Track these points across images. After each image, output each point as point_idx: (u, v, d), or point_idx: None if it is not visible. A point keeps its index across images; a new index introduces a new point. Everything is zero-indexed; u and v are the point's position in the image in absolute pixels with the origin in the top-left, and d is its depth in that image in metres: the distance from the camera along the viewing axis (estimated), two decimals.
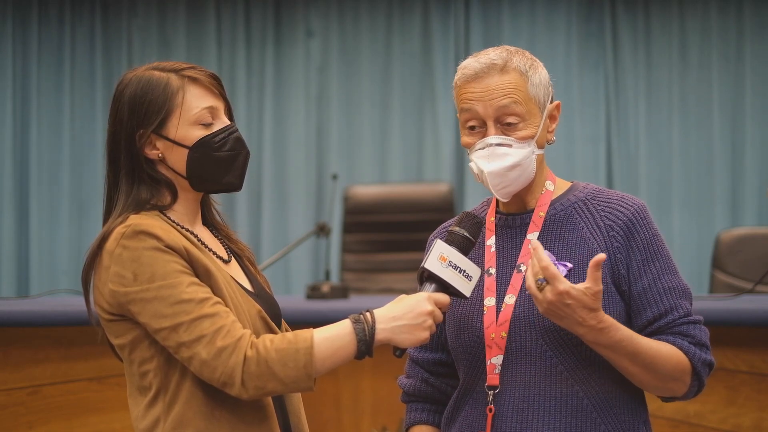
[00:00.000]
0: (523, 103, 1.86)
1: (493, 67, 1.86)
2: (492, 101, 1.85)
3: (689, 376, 1.86)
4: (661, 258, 1.89)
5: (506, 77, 1.86)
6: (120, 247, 1.77)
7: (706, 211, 6.27)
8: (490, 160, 1.87)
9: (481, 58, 1.88)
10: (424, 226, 4.71)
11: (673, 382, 1.85)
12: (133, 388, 1.84)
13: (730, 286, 4.08)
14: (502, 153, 1.86)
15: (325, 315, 3.30)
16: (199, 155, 1.86)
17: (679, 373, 1.85)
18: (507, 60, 1.88)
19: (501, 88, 1.85)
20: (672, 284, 1.88)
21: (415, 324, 1.77)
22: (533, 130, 1.88)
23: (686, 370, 1.85)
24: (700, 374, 1.86)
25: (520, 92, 1.86)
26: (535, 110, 1.88)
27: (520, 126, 1.87)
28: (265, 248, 6.26)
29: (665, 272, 1.89)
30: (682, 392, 1.88)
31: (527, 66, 1.89)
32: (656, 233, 1.91)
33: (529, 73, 1.88)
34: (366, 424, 3.50)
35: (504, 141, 1.86)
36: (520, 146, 1.87)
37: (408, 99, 6.43)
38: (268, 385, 1.73)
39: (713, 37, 6.29)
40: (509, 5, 6.41)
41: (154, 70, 1.88)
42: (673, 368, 1.83)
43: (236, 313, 1.81)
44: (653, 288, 1.87)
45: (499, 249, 1.95)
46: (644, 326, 1.87)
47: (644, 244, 1.88)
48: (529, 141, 1.87)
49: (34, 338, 3.27)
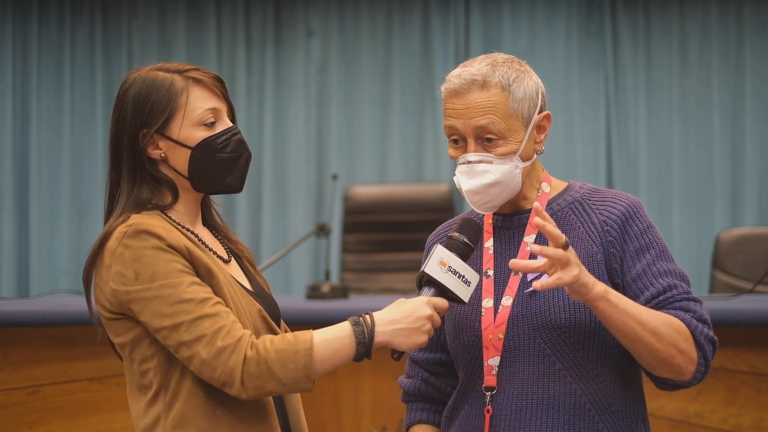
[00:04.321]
0: (503, 120, 1.85)
1: (474, 84, 1.86)
2: (471, 119, 1.85)
3: (693, 348, 1.81)
4: (656, 246, 1.88)
5: (485, 94, 1.85)
6: (122, 246, 1.78)
7: (706, 211, 6.27)
8: (470, 177, 1.88)
9: (464, 73, 1.87)
10: (424, 226, 4.70)
11: (678, 354, 1.79)
12: (134, 386, 1.85)
13: (730, 286, 4.08)
14: (481, 170, 1.86)
15: (325, 315, 3.31)
16: (202, 156, 1.87)
17: (683, 342, 1.79)
18: (487, 75, 1.86)
19: (480, 106, 1.85)
20: (668, 268, 1.87)
21: (413, 328, 1.78)
22: (514, 146, 1.87)
23: (689, 340, 1.80)
24: (704, 348, 1.82)
25: (500, 109, 1.85)
26: (517, 125, 1.87)
27: (500, 143, 1.86)
28: (265, 248, 6.26)
29: (661, 258, 1.87)
30: (690, 371, 1.82)
31: (511, 79, 1.87)
32: (650, 224, 1.90)
33: (512, 88, 1.86)
34: (366, 424, 3.51)
35: (483, 158, 1.86)
36: (500, 162, 1.86)
37: (408, 99, 6.43)
38: (267, 386, 1.73)
39: (713, 37, 6.28)
40: (509, 5, 6.41)
41: (158, 71, 1.89)
42: (675, 337, 1.78)
43: (237, 313, 1.81)
44: (648, 272, 1.85)
45: (497, 251, 1.95)
46: None
47: (638, 234, 1.88)
48: (511, 156, 1.87)
49: (34, 338, 3.27)
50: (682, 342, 1.80)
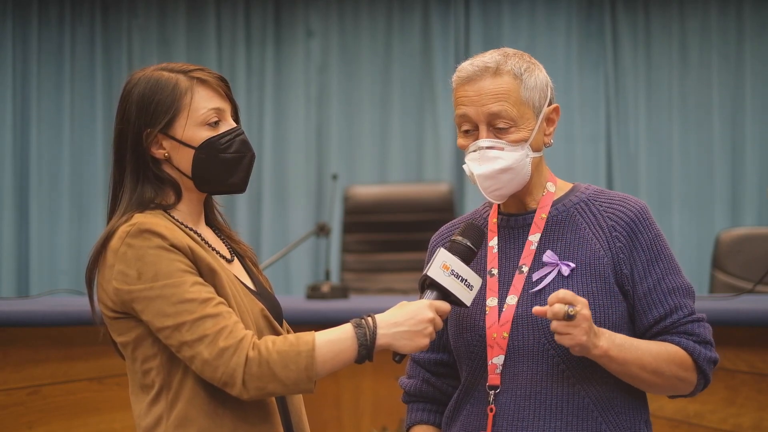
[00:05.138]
0: (515, 107, 1.87)
1: (486, 71, 1.87)
2: (483, 106, 1.87)
3: (694, 374, 1.89)
4: (664, 258, 1.91)
5: (498, 81, 1.87)
6: (125, 245, 1.78)
7: (706, 211, 6.27)
8: (481, 163, 1.88)
9: (476, 61, 1.89)
10: (424, 226, 4.71)
11: (679, 383, 1.89)
12: (136, 386, 1.85)
13: (730, 286, 4.08)
14: (493, 156, 1.87)
15: (325, 315, 3.31)
16: (205, 156, 1.87)
17: (684, 372, 1.88)
18: (500, 63, 1.88)
19: (492, 92, 1.86)
20: (676, 284, 1.91)
21: (415, 331, 1.78)
22: (526, 133, 1.88)
23: (690, 368, 1.88)
24: (705, 371, 1.89)
25: (512, 96, 1.87)
26: (529, 114, 1.89)
27: (512, 130, 1.87)
28: (265, 248, 6.26)
29: (669, 272, 1.91)
30: (689, 391, 1.92)
31: (522, 69, 1.89)
32: (659, 234, 1.93)
33: (523, 77, 1.88)
34: (366, 424, 3.51)
35: (495, 144, 1.88)
36: (512, 149, 1.88)
37: (408, 99, 6.43)
38: (268, 386, 1.74)
39: (713, 37, 6.28)
40: (509, 5, 6.41)
41: (162, 71, 1.89)
42: (677, 369, 1.86)
43: (239, 312, 1.82)
44: (657, 288, 1.89)
45: (501, 250, 1.96)
46: (650, 326, 1.90)
47: (648, 245, 1.90)
48: (522, 144, 1.88)
49: (34, 338, 3.27)
50: (683, 372, 1.88)
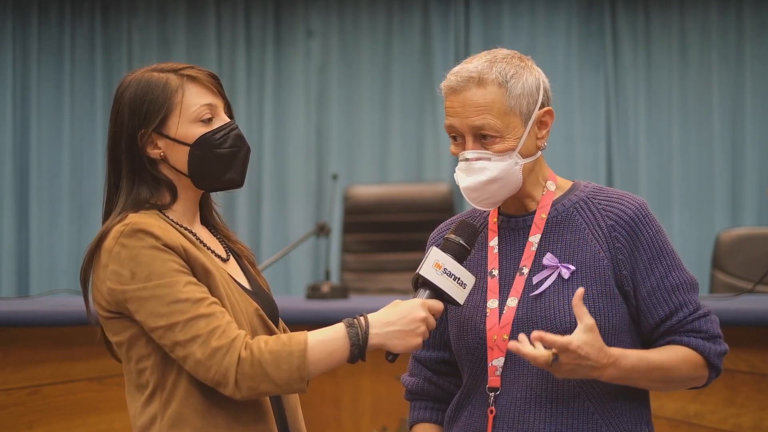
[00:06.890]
0: (499, 118, 1.85)
1: (470, 81, 1.86)
2: (467, 119, 1.86)
3: (706, 371, 1.90)
4: (666, 255, 1.91)
5: (482, 92, 1.85)
6: (118, 245, 1.78)
7: (706, 211, 6.26)
8: (468, 174, 1.88)
9: (462, 71, 1.88)
10: (424, 226, 4.69)
11: (691, 381, 1.91)
12: (131, 385, 1.85)
13: (730, 286, 4.08)
14: (479, 168, 1.87)
15: (325, 315, 3.31)
16: (200, 152, 1.87)
17: (695, 371, 1.88)
18: (484, 72, 1.86)
19: (475, 104, 1.85)
20: (679, 280, 1.90)
21: (408, 330, 1.78)
22: (512, 142, 1.87)
23: (702, 366, 1.89)
24: (715, 365, 1.90)
25: (495, 107, 1.85)
26: (516, 122, 1.87)
27: (497, 140, 1.86)
28: (265, 248, 6.26)
29: (671, 269, 1.90)
30: (702, 384, 1.93)
31: (509, 75, 1.86)
32: (659, 230, 1.92)
33: (509, 84, 1.86)
34: (366, 424, 3.50)
35: (481, 155, 1.87)
36: (499, 159, 1.86)
37: (408, 99, 6.43)
38: (261, 386, 1.74)
39: (713, 37, 6.28)
40: (509, 5, 6.40)
41: (153, 72, 1.90)
42: (689, 371, 1.87)
43: (233, 312, 1.82)
44: (661, 286, 1.88)
45: (502, 251, 1.96)
46: (656, 325, 1.89)
47: (649, 243, 1.89)
48: (510, 153, 1.87)
49: (34, 338, 3.27)
50: (696, 372, 1.89)
